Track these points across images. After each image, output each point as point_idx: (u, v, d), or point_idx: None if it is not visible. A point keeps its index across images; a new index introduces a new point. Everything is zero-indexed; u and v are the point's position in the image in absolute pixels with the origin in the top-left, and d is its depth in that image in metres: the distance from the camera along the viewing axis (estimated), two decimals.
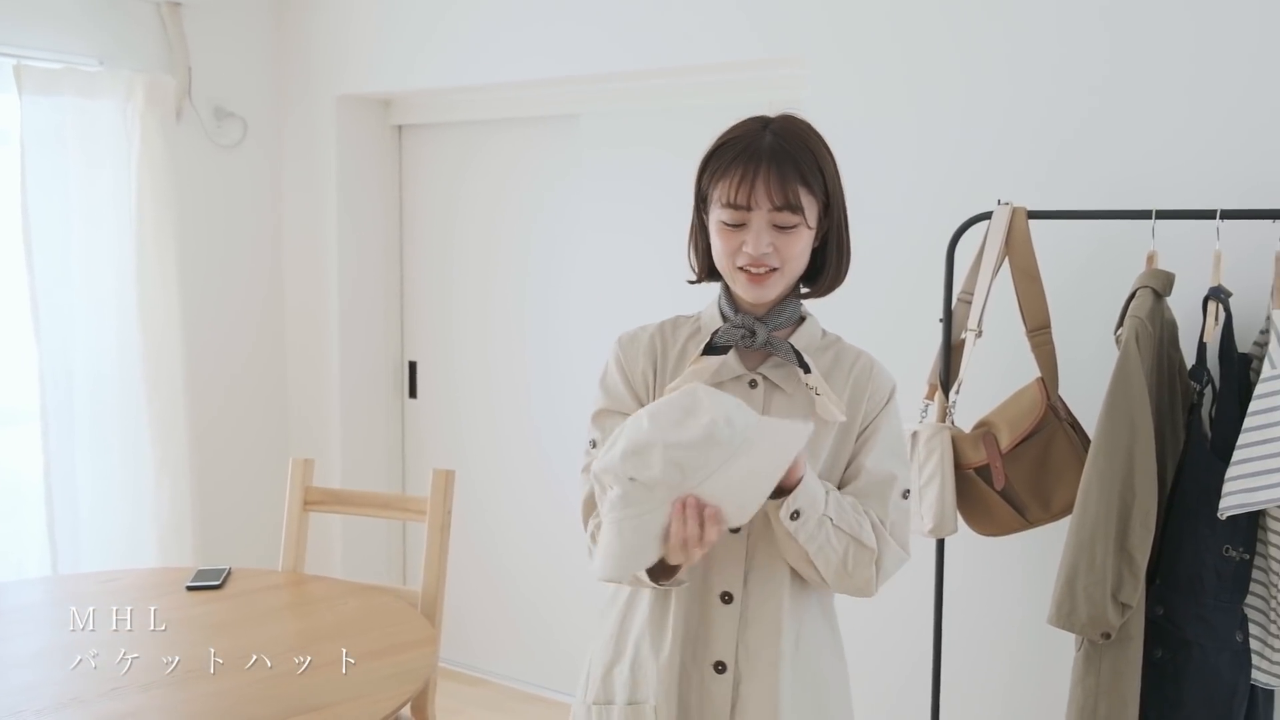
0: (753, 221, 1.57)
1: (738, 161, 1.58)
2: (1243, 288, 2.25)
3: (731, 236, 1.59)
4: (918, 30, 2.78)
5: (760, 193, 1.56)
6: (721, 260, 1.62)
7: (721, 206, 1.59)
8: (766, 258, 1.58)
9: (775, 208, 1.56)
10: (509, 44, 3.50)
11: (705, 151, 1.65)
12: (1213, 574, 2.13)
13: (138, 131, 3.57)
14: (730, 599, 1.64)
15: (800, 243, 1.60)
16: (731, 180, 1.57)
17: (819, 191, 1.62)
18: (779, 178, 1.56)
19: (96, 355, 3.58)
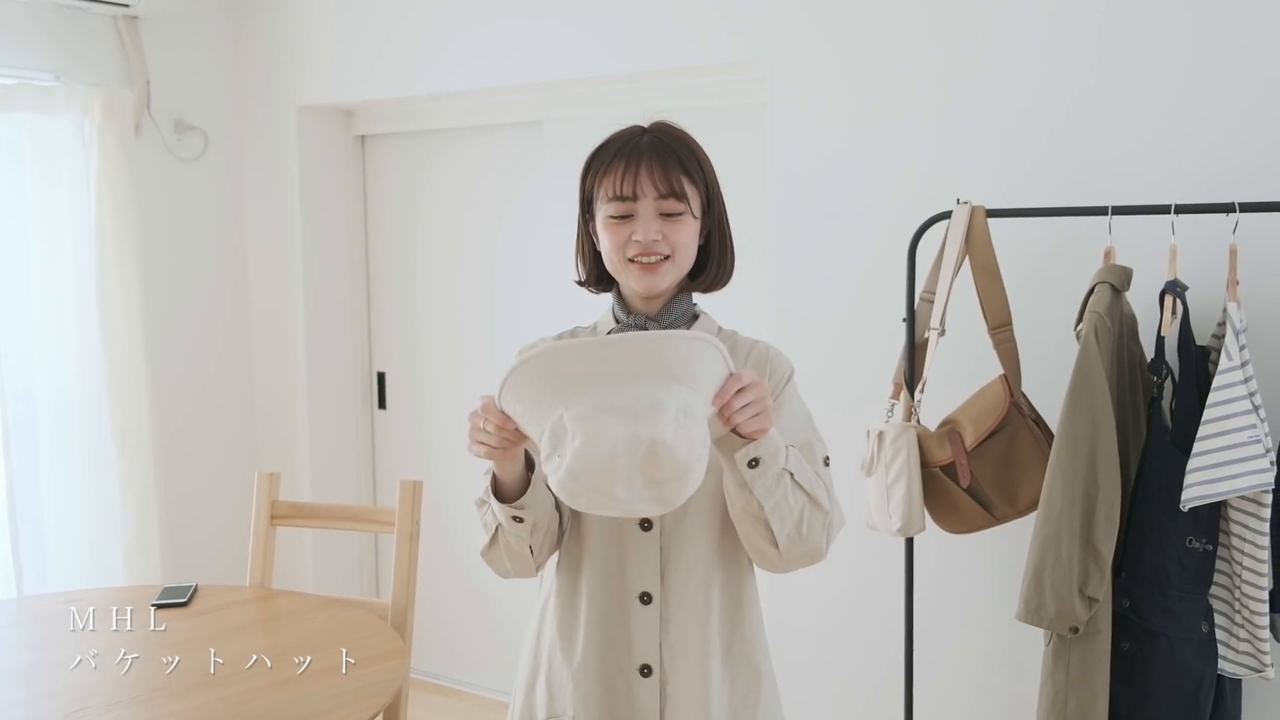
0: (640, 211, 1.61)
1: (620, 155, 1.63)
2: (1199, 281, 2.27)
3: (620, 229, 1.62)
4: (880, 35, 2.79)
5: (645, 181, 1.60)
6: (611, 256, 1.64)
7: (608, 200, 1.62)
8: (656, 245, 1.60)
9: (660, 195, 1.60)
10: (470, 52, 3.49)
11: (585, 158, 1.69)
12: (1177, 566, 2.15)
13: (96, 146, 3.54)
14: (649, 599, 1.64)
15: (687, 231, 1.63)
16: (615, 174, 1.62)
17: (700, 184, 1.65)
18: (661, 166, 1.61)
19: (59, 372, 3.55)
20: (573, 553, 1.69)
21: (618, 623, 1.64)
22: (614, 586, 1.64)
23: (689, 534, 1.63)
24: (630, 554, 1.64)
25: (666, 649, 1.63)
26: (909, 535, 2.41)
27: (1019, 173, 2.62)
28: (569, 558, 1.70)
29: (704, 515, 1.64)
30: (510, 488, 1.59)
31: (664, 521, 1.63)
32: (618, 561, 1.65)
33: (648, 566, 1.64)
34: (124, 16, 3.68)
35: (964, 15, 2.68)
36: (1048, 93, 2.58)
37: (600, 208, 1.65)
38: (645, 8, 3.14)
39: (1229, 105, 2.37)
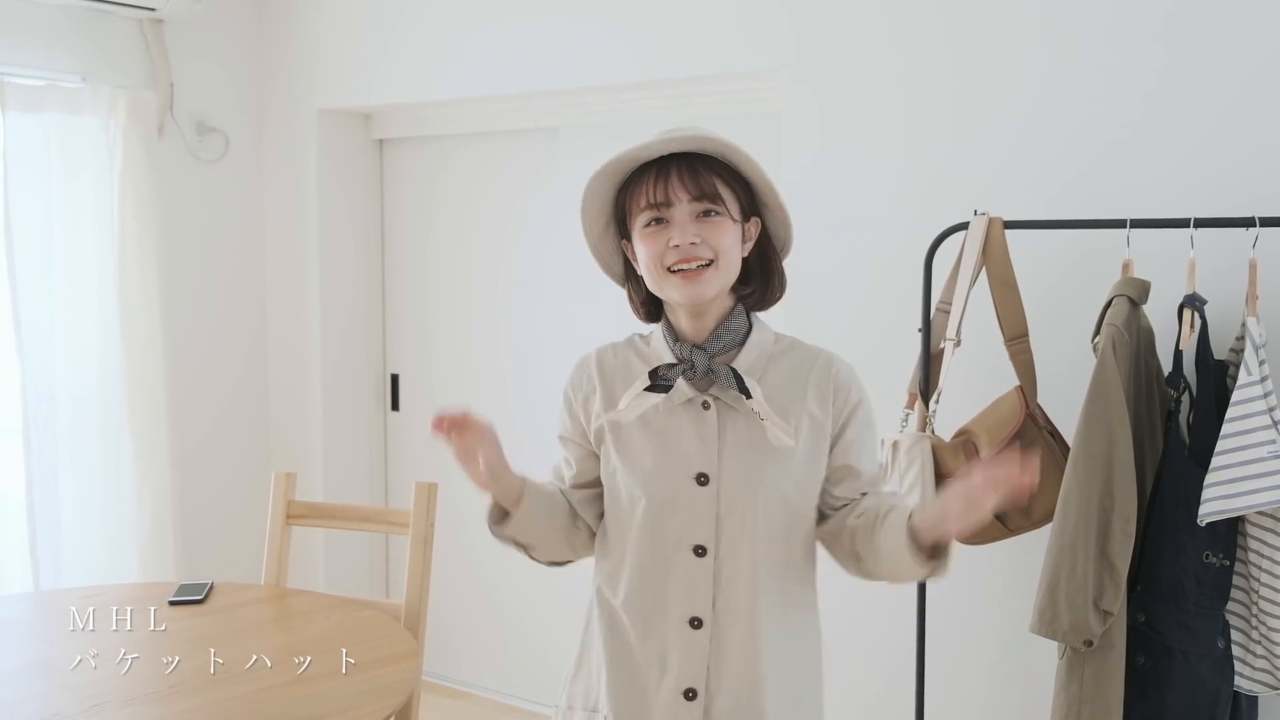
0: (674, 216, 1.57)
1: (650, 165, 1.61)
2: (1218, 295, 2.27)
3: (656, 237, 1.58)
4: (895, 44, 2.80)
5: (676, 185, 1.57)
6: (651, 269, 1.60)
7: (640, 211, 1.60)
8: (695, 249, 1.56)
9: (694, 198, 1.57)
10: (487, 58, 3.51)
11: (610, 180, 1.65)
12: (1193, 580, 2.14)
13: (120, 147, 3.57)
14: (700, 624, 1.63)
15: (728, 233, 1.59)
16: (647, 183, 1.59)
17: (736, 186, 1.62)
18: (691, 170, 1.58)
19: (78, 371, 3.57)
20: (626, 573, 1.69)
21: (665, 644, 1.64)
22: (662, 607, 1.64)
23: (742, 561, 1.62)
24: (682, 577, 1.63)
25: (714, 675, 1.63)
26: None
27: (1037, 184, 2.61)
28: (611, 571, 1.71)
29: (762, 544, 1.63)
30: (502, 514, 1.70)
31: (719, 546, 1.63)
32: (664, 585, 1.64)
33: (700, 591, 1.62)
34: (149, 20, 3.71)
35: (982, 27, 2.68)
36: (1067, 104, 2.58)
37: (635, 220, 1.62)
38: (661, 16, 3.15)
39: (1250, 118, 2.37)
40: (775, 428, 1.57)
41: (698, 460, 1.62)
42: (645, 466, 1.65)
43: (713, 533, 1.62)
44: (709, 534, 1.62)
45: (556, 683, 3.83)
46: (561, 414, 1.76)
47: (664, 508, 1.64)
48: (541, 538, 1.71)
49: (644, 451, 1.65)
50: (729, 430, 1.62)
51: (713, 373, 1.61)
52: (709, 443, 1.62)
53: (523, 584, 3.87)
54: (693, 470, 1.62)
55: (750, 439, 1.61)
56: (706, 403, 1.63)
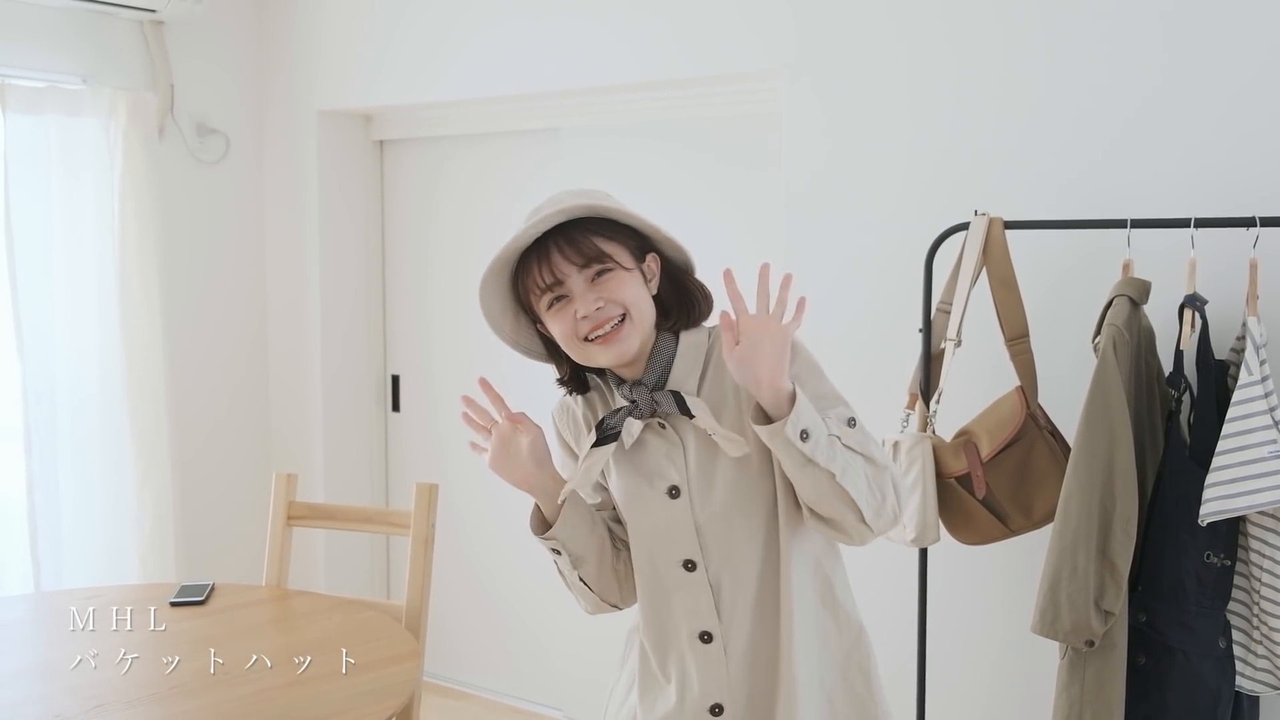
0: (571, 289, 1.58)
1: (530, 252, 1.60)
2: (1218, 295, 2.27)
3: (563, 314, 1.59)
4: (894, 44, 2.80)
5: (560, 261, 1.57)
6: (571, 345, 1.61)
7: (539, 295, 1.60)
8: (603, 312, 1.57)
9: (581, 266, 1.57)
10: (488, 59, 3.51)
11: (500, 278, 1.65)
12: (1194, 580, 2.14)
13: (120, 148, 3.57)
14: (710, 638, 1.63)
15: (628, 284, 1.59)
16: (533, 270, 1.59)
17: (617, 234, 1.61)
18: (569, 241, 1.58)
19: (79, 371, 3.58)
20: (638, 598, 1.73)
21: (687, 661, 1.64)
22: (677, 625, 1.65)
23: (736, 567, 1.63)
24: (683, 591, 1.64)
25: (734, 688, 1.63)
26: (923, 545, 2.41)
27: (1037, 184, 2.62)
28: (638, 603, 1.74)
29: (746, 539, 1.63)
30: (548, 521, 1.67)
31: (708, 559, 1.63)
32: (668, 605, 1.66)
33: (702, 604, 1.63)
34: (150, 21, 3.72)
35: (983, 27, 2.68)
36: (1067, 105, 2.58)
37: (537, 304, 1.62)
38: (662, 16, 3.16)
39: (1250, 118, 2.37)
40: (725, 441, 1.56)
41: (666, 475, 1.64)
42: (625, 493, 1.69)
43: (696, 545, 1.63)
44: (693, 547, 1.63)
45: (557, 683, 3.86)
46: (563, 459, 1.77)
47: (648, 528, 1.67)
48: (589, 549, 1.69)
49: (622, 479, 1.69)
50: (690, 440, 1.64)
51: (656, 404, 1.62)
52: (674, 457, 1.64)
53: (523, 585, 3.87)
54: (663, 486, 1.64)
55: (711, 445, 1.61)
56: (661, 423, 1.65)
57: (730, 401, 1.63)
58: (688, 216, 3.38)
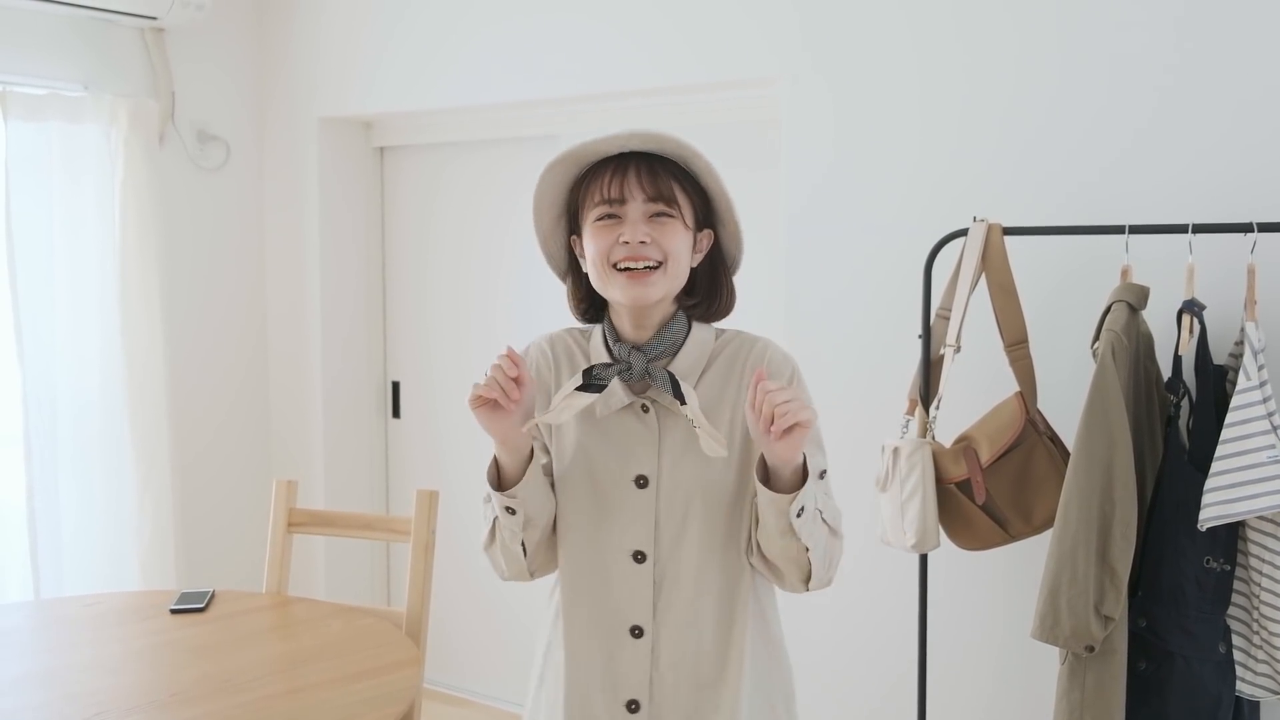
0: (628, 214, 1.55)
1: (608, 162, 1.58)
2: (1216, 300, 2.27)
3: (607, 233, 1.55)
4: (894, 50, 2.81)
5: (633, 184, 1.55)
6: (597, 264, 1.57)
7: (594, 205, 1.57)
8: (645, 249, 1.53)
9: (649, 198, 1.55)
10: (489, 65, 3.52)
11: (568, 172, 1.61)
12: (1194, 585, 2.14)
13: (121, 156, 3.58)
14: (640, 633, 1.60)
15: (679, 237, 1.57)
16: (603, 178, 1.56)
17: (693, 194, 1.60)
18: (650, 170, 1.56)
19: (79, 378, 3.58)
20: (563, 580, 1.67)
21: (607, 654, 1.61)
22: (607, 616, 1.61)
23: (683, 567, 1.60)
24: (622, 584, 1.60)
25: (657, 685, 1.60)
26: (923, 551, 2.41)
27: (1036, 190, 2.62)
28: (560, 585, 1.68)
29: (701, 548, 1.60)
30: (509, 477, 1.58)
31: (659, 550, 1.60)
32: (602, 592, 1.61)
33: (640, 599, 1.60)
34: (151, 28, 3.72)
35: (985, 35, 2.68)
36: (1065, 111, 2.58)
37: (587, 214, 1.59)
38: (661, 22, 3.16)
39: (1248, 124, 2.37)
40: (708, 437, 1.53)
41: (637, 462, 1.60)
42: (584, 468, 1.63)
43: (651, 537, 1.60)
44: (648, 539, 1.60)
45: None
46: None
47: (602, 511, 1.62)
48: (542, 513, 1.62)
49: (583, 453, 1.63)
50: (669, 434, 1.61)
51: (650, 375, 1.57)
52: (649, 445, 1.60)
53: (524, 590, 3.86)
54: (632, 472, 1.60)
55: (690, 443, 1.59)
56: (645, 405, 1.61)
57: (725, 413, 1.62)
58: None
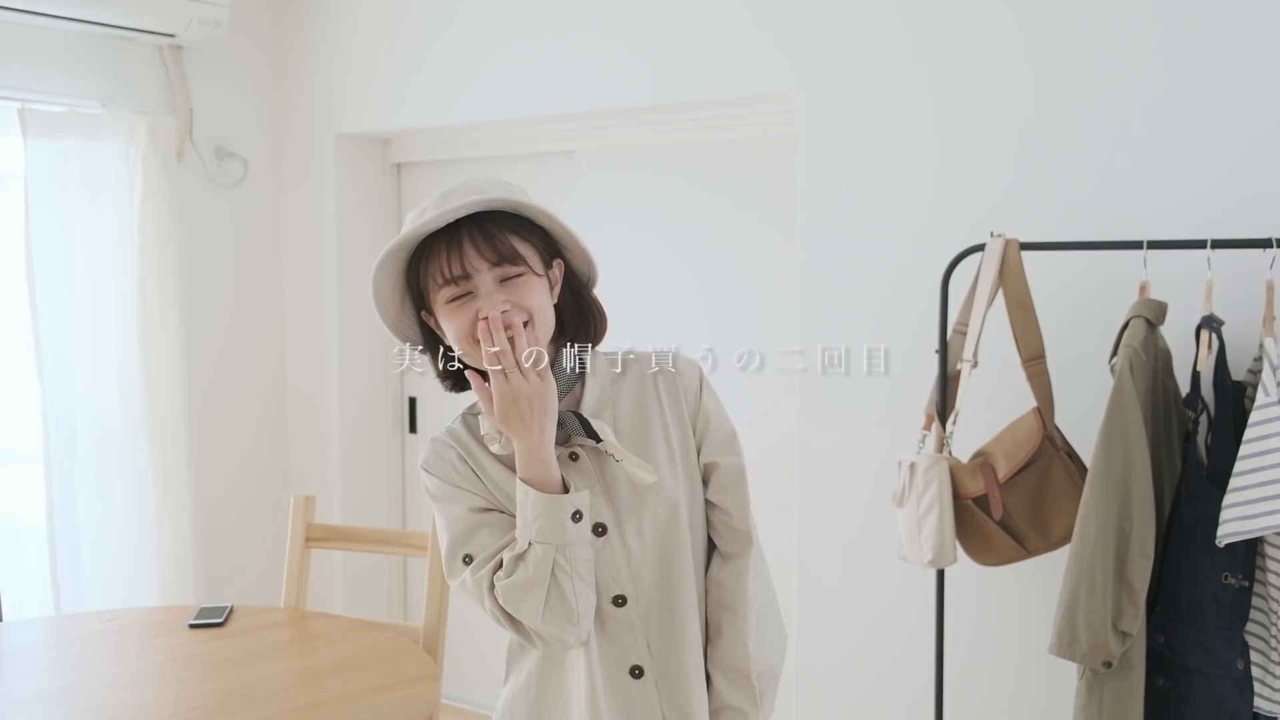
0: (478, 287, 1.48)
1: (438, 237, 1.49)
2: (1235, 317, 2.27)
3: (463, 311, 1.48)
4: (910, 66, 2.81)
5: (472, 255, 1.47)
6: (463, 344, 1.50)
7: (440, 287, 1.49)
8: (509, 315, 1.46)
9: (494, 264, 1.48)
10: (506, 82, 3.54)
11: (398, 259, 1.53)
12: (1212, 601, 2.14)
13: (140, 172, 3.60)
14: (640, 673, 1.58)
15: (536, 291, 1.50)
16: (439, 258, 1.48)
17: (532, 236, 1.53)
18: (485, 235, 1.48)
19: (99, 395, 3.60)
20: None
21: (619, 698, 1.57)
22: (607, 661, 1.57)
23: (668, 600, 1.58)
24: (614, 626, 1.57)
25: (671, 716, 1.58)
26: (940, 567, 2.41)
27: (1053, 206, 2.62)
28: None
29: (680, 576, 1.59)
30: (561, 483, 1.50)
31: (640, 590, 1.58)
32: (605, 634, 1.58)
33: (632, 639, 1.58)
34: (169, 46, 3.76)
35: (1003, 51, 2.69)
36: (1084, 127, 2.59)
37: (435, 296, 1.51)
38: (678, 38, 3.18)
39: (1267, 139, 2.37)
40: (633, 466, 1.51)
41: (595, 512, 1.54)
42: None
43: (629, 579, 1.57)
44: (625, 583, 1.57)
45: None
46: (456, 493, 1.57)
47: None
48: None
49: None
50: (608, 473, 1.57)
51: (561, 425, 1.52)
52: (595, 493, 1.55)
53: None
54: (588, 524, 1.51)
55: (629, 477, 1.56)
56: (575, 454, 1.57)
57: (655, 433, 1.59)
58: (705, 238, 3.40)
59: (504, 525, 1.54)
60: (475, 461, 1.59)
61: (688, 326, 3.42)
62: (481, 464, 1.59)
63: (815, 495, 2.99)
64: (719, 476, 1.64)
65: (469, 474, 1.58)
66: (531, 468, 1.47)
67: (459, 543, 1.55)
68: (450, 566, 1.57)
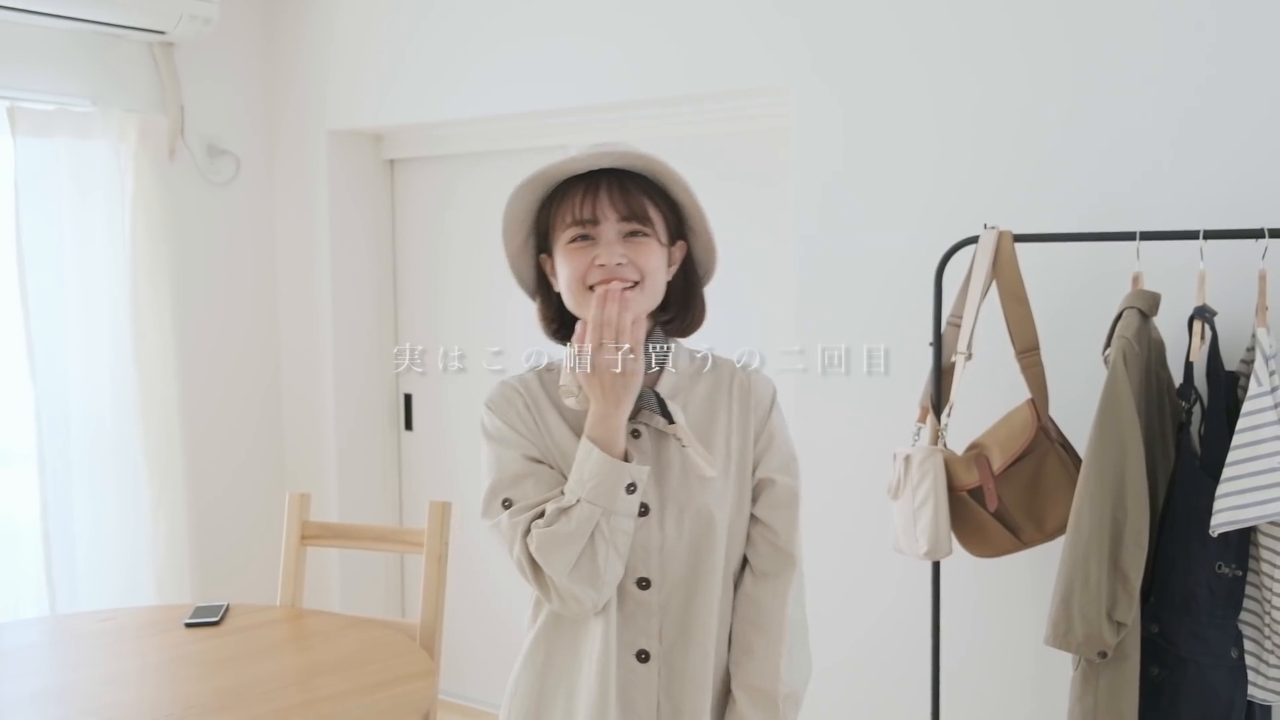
0: (601, 234, 1.53)
1: (578, 179, 1.56)
2: (1228, 306, 2.27)
3: (581, 254, 1.53)
4: (902, 58, 2.81)
5: (605, 203, 1.52)
6: (571, 286, 1.54)
7: (566, 227, 1.54)
8: (621, 270, 1.51)
9: (622, 217, 1.53)
10: (496, 77, 3.53)
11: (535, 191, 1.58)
12: (1206, 591, 2.14)
13: (131, 171, 3.59)
14: (646, 658, 1.58)
15: (655, 255, 1.55)
16: (574, 199, 1.54)
17: (665, 209, 1.58)
18: (621, 188, 1.54)
19: (92, 394, 3.59)
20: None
21: (622, 680, 1.58)
22: (613, 643, 1.57)
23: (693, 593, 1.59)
24: (631, 609, 1.58)
25: (665, 710, 1.59)
26: (936, 559, 2.41)
27: (1047, 197, 2.62)
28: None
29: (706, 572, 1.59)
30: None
31: (665, 577, 1.59)
32: (618, 615, 1.58)
33: (646, 624, 1.58)
34: (159, 43, 3.74)
35: (995, 41, 2.69)
36: (1076, 118, 2.59)
37: (558, 235, 1.56)
38: (669, 32, 3.17)
39: (1259, 130, 2.38)
40: (698, 457, 1.52)
41: (642, 491, 1.54)
42: None
43: (657, 565, 1.58)
44: (652, 567, 1.58)
45: None
46: (514, 437, 1.60)
47: None
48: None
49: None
50: (664, 457, 1.59)
51: (640, 397, 1.55)
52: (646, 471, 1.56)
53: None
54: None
55: (686, 466, 1.58)
56: (637, 431, 1.59)
57: (718, 434, 1.61)
58: None
59: (551, 480, 1.57)
60: (539, 413, 1.62)
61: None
62: (545, 417, 1.62)
63: (814, 493, 2.98)
64: (773, 494, 1.64)
65: (530, 423, 1.61)
66: (601, 430, 1.51)
67: (503, 485, 1.58)
68: (488, 506, 1.59)
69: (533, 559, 1.52)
